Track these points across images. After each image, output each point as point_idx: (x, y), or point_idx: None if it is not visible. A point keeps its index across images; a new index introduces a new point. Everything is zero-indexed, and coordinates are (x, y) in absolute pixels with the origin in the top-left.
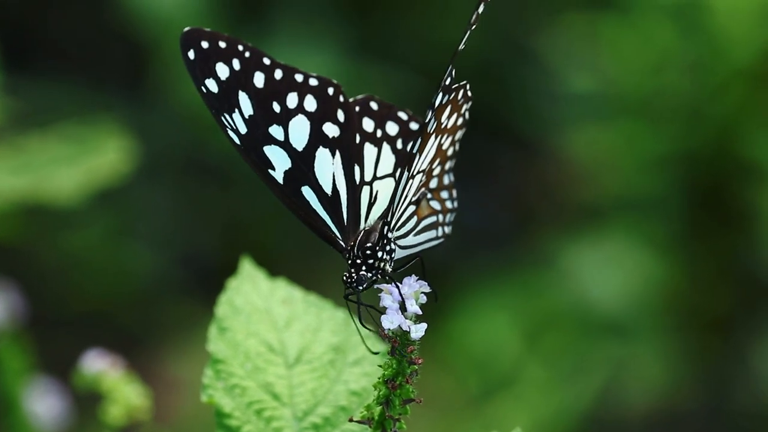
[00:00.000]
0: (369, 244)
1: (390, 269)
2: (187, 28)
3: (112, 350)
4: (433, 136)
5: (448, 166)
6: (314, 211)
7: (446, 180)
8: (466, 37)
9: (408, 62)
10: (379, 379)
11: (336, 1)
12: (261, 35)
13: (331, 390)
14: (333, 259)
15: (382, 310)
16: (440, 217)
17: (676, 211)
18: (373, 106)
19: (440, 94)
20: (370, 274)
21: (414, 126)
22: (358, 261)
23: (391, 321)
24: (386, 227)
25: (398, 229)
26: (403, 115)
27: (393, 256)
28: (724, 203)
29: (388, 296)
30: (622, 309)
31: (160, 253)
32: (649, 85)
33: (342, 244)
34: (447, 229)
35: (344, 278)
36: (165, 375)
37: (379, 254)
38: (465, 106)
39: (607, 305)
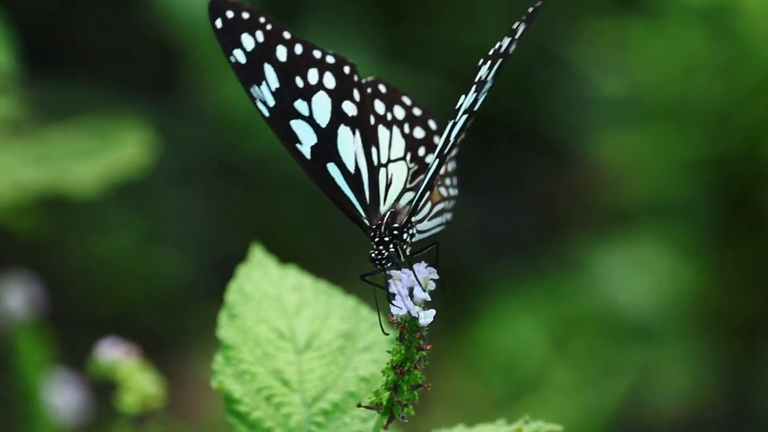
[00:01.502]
0: (396, 225)
1: (408, 253)
2: None
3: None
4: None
5: (453, 152)
6: (339, 188)
7: (450, 167)
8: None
9: (438, 68)
10: (387, 364)
11: (367, 7)
12: None
13: (341, 376)
14: (362, 262)
15: (391, 297)
16: (446, 203)
17: (704, 216)
18: (382, 88)
19: (469, 96)
20: (394, 254)
21: (417, 112)
22: (386, 239)
23: (399, 307)
24: (413, 211)
25: (419, 213)
26: (407, 101)
27: (412, 240)
28: (753, 208)
29: (398, 282)
30: (649, 313)
31: (190, 257)
32: (679, 89)
33: (366, 222)
34: (449, 216)
35: (372, 255)
36: (193, 378)
37: (404, 236)
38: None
39: (635, 309)
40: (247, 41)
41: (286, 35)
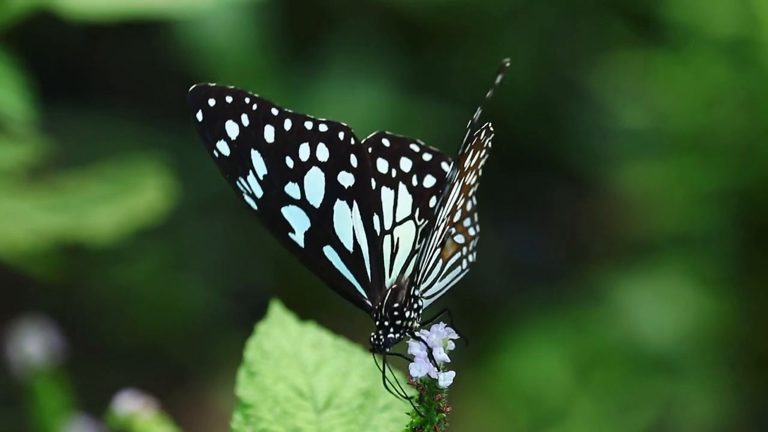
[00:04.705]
0: (396, 305)
1: (418, 325)
2: (193, 87)
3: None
4: (457, 182)
5: (471, 192)
6: (338, 271)
7: (469, 206)
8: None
9: (460, 99)
10: (406, 427)
11: (388, 37)
12: (313, 71)
13: None
14: None
15: (410, 358)
16: (464, 250)
17: (728, 248)
18: (385, 143)
19: (464, 152)
20: (397, 335)
21: (427, 157)
22: (386, 323)
23: (419, 369)
24: (413, 287)
25: (424, 282)
26: (415, 148)
27: (421, 312)
28: None
29: (417, 344)
30: (673, 345)
31: (213, 288)
32: (702, 120)
33: (369, 303)
34: (471, 258)
35: (371, 340)
36: (217, 409)
37: (407, 314)
38: (487, 140)
39: (658, 341)
40: (231, 129)
41: (274, 112)
